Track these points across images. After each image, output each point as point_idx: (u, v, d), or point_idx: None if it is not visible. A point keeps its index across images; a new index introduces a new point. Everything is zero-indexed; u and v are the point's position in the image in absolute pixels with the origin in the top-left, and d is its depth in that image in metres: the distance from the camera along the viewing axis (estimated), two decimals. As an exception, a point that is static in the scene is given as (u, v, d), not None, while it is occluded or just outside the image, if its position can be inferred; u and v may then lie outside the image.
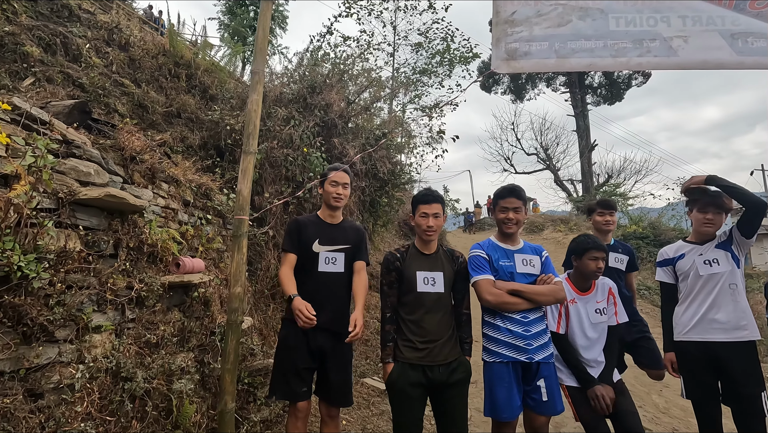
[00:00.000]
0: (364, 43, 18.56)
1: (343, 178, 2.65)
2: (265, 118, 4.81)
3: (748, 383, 2.57)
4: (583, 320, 2.69)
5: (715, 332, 2.66)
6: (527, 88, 28.36)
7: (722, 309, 2.66)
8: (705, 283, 2.73)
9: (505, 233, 2.58)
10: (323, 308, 2.49)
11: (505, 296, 2.42)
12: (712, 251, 2.75)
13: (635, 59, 2.40)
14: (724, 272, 2.69)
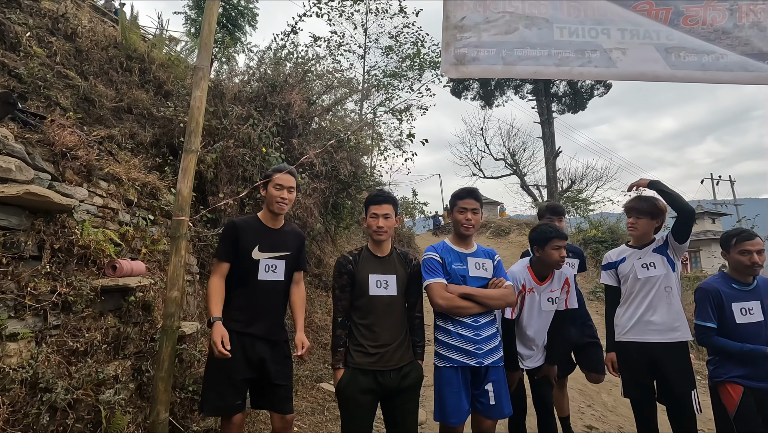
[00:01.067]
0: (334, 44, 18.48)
1: (288, 182, 2.51)
2: (221, 117, 4.67)
3: (681, 382, 2.70)
4: (534, 307, 2.79)
5: (651, 333, 2.78)
6: (496, 94, 28.97)
7: (658, 311, 2.78)
8: (642, 286, 2.85)
9: (462, 234, 2.59)
10: (261, 318, 2.43)
11: (456, 300, 2.43)
12: (650, 255, 2.88)
13: (577, 69, 2.47)
14: (660, 276, 2.81)
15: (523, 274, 2.81)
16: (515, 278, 2.78)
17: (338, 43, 18.19)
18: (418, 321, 2.49)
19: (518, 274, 2.82)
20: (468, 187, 2.66)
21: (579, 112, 27.92)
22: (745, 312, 2.62)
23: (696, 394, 2.70)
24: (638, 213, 2.90)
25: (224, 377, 2.30)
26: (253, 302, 2.43)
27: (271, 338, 2.44)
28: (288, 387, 2.49)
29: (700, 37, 2.49)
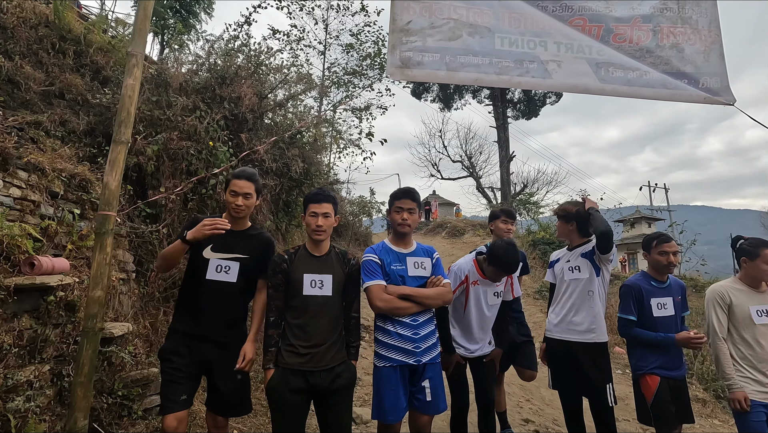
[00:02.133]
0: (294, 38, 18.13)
1: (243, 188, 2.44)
2: (165, 107, 4.45)
3: (598, 378, 2.93)
4: (481, 300, 2.87)
5: (572, 333, 2.99)
6: (455, 97, 29.63)
7: (579, 313, 3.00)
8: (567, 287, 3.06)
9: (400, 233, 2.63)
10: (207, 318, 2.37)
11: (395, 301, 2.46)
12: (577, 258, 3.08)
13: (516, 78, 2.57)
14: (584, 279, 3.02)
15: (468, 266, 2.90)
16: (460, 268, 2.88)
17: (298, 38, 17.94)
18: (354, 321, 2.50)
19: (463, 266, 2.91)
20: (405, 187, 2.70)
21: (532, 118, 29.12)
22: (660, 307, 2.87)
23: (611, 388, 2.92)
24: (557, 217, 3.17)
25: (169, 374, 2.26)
26: (200, 300, 2.38)
27: (217, 339, 2.38)
28: (235, 389, 2.42)
29: (627, 55, 2.67)
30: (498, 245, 2.76)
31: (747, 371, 2.68)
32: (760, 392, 2.63)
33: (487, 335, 2.96)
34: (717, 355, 2.80)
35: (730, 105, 2.68)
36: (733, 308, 2.76)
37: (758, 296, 2.77)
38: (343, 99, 18.71)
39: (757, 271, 2.75)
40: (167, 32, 13.07)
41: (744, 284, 2.82)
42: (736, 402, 2.64)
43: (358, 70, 17.07)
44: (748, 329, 2.71)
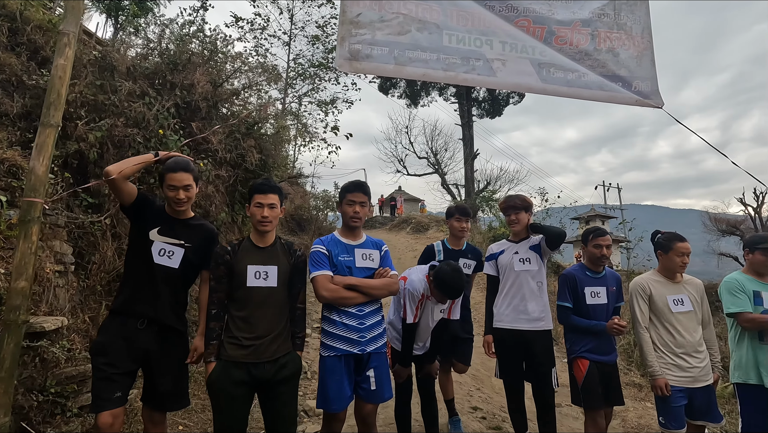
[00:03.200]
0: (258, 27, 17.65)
1: (183, 181, 2.35)
2: (109, 92, 4.23)
3: (544, 361, 3.09)
4: (428, 315, 2.91)
5: (522, 322, 3.12)
6: (422, 94, 29.81)
7: (530, 302, 3.13)
8: (517, 277, 3.17)
9: (351, 226, 2.64)
10: (149, 301, 2.31)
11: (341, 291, 2.48)
12: (527, 251, 3.21)
13: (462, 75, 2.64)
14: (534, 270, 3.17)
15: (422, 285, 2.86)
16: (416, 289, 2.83)
17: (262, 27, 17.50)
18: (300, 312, 2.50)
19: (417, 285, 2.84)
20: (357, 180, 2.73)
21: (496, 117, 29.79)
22: (593, 295, 3.05)
23: (555, 372, 3.09)
24: (516, 209, 3.23)
25: (102, 370, 2.17)
26: (143, 283, 2.33)
27: (157, 321, 2.32)
28: (174, 383, 2.38)
29: (568, 57, 2.80)
30: (444, 270, 2.73)
31: (668, 357, 2.90)
32: (680, 377, 2.85)
33: (427, 340, 3.03)
34: (640, 343, 3.01)
35: (659, 108, 2.87)
36: (653, 298, 2.97)
37: (674, 287, 2.99)
38: (308, 92, 18.48)
39: (671, 263, 2.97)
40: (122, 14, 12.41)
41: (662, 276, 3.04)
42: (658, 389, 2.84)
43: (324, 63, 16.86)
44: (666, 317, 2.93)
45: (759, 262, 2.98)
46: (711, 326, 3.08)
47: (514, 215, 3.23)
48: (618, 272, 3.01)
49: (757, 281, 3.00)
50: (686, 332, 2.91)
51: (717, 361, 3.02)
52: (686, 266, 2.96)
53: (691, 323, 2.94)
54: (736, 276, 3.07)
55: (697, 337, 2.93)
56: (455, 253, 3.58)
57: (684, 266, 2.95)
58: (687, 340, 2.89)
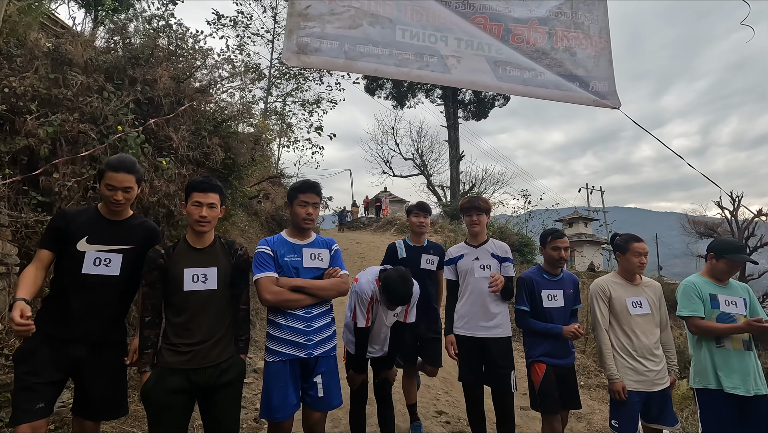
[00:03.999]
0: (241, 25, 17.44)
1: (123, 182, 2.21)
2: (62, 85, 4.07)
3: (503, 364, 3.03)
4: (381, 319, 2.83)
5: (481, 330, 3.06)
6: (408, 96, 29.86)
7: (488, 310, 3.07)
8: (477, 284, 3.10)
9: (302, 228, 2.55)
10: (80, 317, 2.16)
11: (285, 293, 2.38)
12: (488, 257, 3.15)
13: (415, 71, 2.57)
14: (487, 277, 3.09)
15: (371, 288, 2.76)
16: (365, 292, 2.73)
17: (245, 25, 17.29)
18: (243, 314, 2.40)
19: (366, 289, 2.75)
20: (310, 180, 2.63)
21: (482, 119, 30.01)
22: (551, 298, 3.01)
23: (514, 375, 3.04)
24: (478, 210, 3.15)
25: (24, 380, 2.03)
26: (72, 298, 2.17)
27: (90, 340, 2.18)
28: (108, 391, 2.24)
29: (525, 55, 2.75)
30: (390, 276, 2.63)
31: (626, 361, 2.86)
32: (636, 381, 2.82)
33: (384, 343, 2.92)
34: (599, 346, 2.97)
35: (616, 108, 2.84)
36: (612, 301, 2.94)
37: (634, 289, 2.97)
38: (292, 91, 18.33)
39: (629, 263, 2.95)
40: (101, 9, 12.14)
41: (622, 278, 3.01)
42: (616, 393, 2.81)
43: (306, 62, 16.69)
44: (625, 319, 2.90)
45: (721, 270, 2.93)
46: (669, 329, 3.06)
47: (476, 216, 3.14)
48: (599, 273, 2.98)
49: (714, 285, 2.98)
50: (643, 335, 2.88)
51: (674, 364, 3.00)
52: (644, 266, 2.93)
53: (648, 325, 2.92)
54: (694, 279, 3.06)
55: (654, 340, 2.90)
56: (417, 250, 3.52)
57: (642, 266, 2.92)
58: (644, 343, 2.86)
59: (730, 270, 2.91)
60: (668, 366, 2.97)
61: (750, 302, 2.98)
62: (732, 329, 2.75)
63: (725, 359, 2.81)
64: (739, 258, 2.88)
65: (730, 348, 2.84)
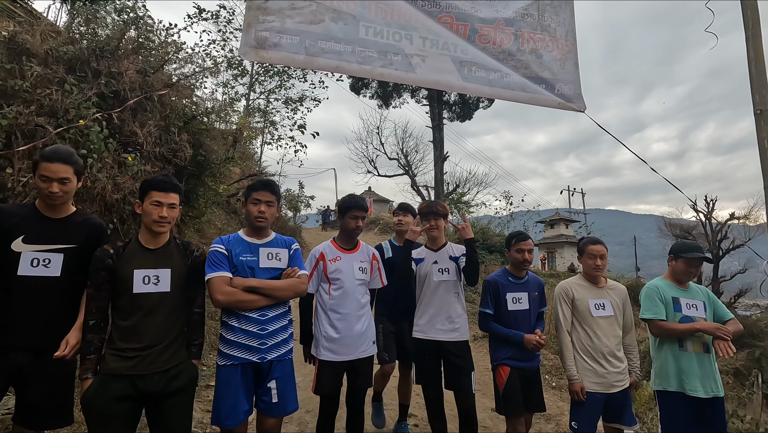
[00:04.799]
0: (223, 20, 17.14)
1: (58, 173, 2.10)
2: (18, 76, 3.89)
3: (463, 365, 3.02)
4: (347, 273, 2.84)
5: (439, 333, 3.04)
6: (394, 96, 29.79)
7: (446, 312, 3.06)
8: (436, 288, 3.09)
9: (255, 226, 2.49)
10: (18, 322, 2.05)
11: (238, 294, 2.31)
12: (447, 261, 3.14)
13: (378, 69, 2.52)
14: (452, 281, 3.10)
15: (324, 246, 2.88)
16: (316, 249, 2.85)
17: (227, 20, 17.00)
18: (197, 317, 2.32)
19: (318, 247, 2.89)
20: (265, 178, 2.59)
21: (466, 120, 30.13)
22: (515, 301, 3.00)
23: (473, 376, 3.03)
24: (436, 215, 3.14)
25: None
26: (11, 301, 2.06)
27: (32, 347, 2.08)
28: (52, 399, 2.13)
29: (491, 56, 2.73)
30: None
31: (586, 363, 2.87)
32: (596, 382, 2.83)
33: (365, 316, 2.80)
34: (561, 347, 2.98)
35: (581, 111, 2.84)
36: (575, 303, 2.95)
37: (597, 291, 2.98)
38: (274, 89, 18.11)
39: (585, 265, 2.97)
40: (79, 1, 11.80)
41: (585, 280, 3.03)
42: (575, 393, 2.82)
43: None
44: (587, 321, 2.91)
45: (680, 270, 2.97)
46: (633, 331, 3.08)
47: (434, 221, 3.14)
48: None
49: (676, 288, 3.02)
50: (605, 337, 2.89)
51: (636, 366, 3.02)
52: (600, 269, 2.95)
53: (610, 328, 2.93)
54: (657, 282, 3.09)
55: (615, 342, 2.92)
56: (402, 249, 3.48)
57: (597, 269, 2.94)
58: (604, 344, 2.88)
59: (689, 270, 2.95)
60: (630, 368, 2.99)
61: (711, 303, 3.02)
62: (692, 328, 2.78)
63: (686, 362, 2.85)
64: (693, 255, 2.92)
65: (692, 351, 2.88)
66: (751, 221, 21.52)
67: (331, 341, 2.69)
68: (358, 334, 2.74)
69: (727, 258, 19.34)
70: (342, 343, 2.70)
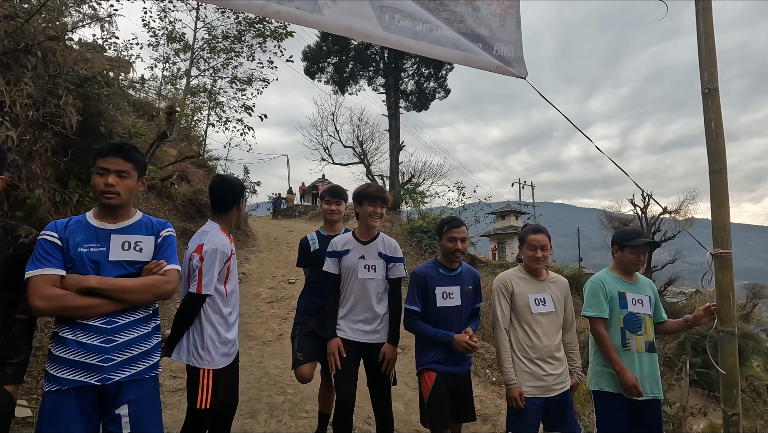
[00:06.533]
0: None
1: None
2: None
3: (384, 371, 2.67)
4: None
5: (360, 334, 2.67)
6: (350, 82, 29.08)
7: (368, 313, 2.68)
8: (361, 286, 2.68)
9: (105, 205, 1.89)
10: None
11: (68, 298, 1.70)
12: (375, 257, 2.73)
13: (273, 5, 1.98)
14: (378, 279, 2.70)
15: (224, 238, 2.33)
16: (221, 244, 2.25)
17: (164, -13, 15.48)
18: (20, 327, 1.73)
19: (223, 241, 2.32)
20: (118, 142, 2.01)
21: (422, 111, 30.00)
22: (445, 296, 2.61)
23: (395, 372, 2.73)
24: (383, 202, 2.73)
25: None
26: None
27: None
28: None
29: (420, 4, 2.27)
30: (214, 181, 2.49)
31: (524, 364, 2.55)
32: (534, 387, 2.51)
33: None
34: (497, 346, 2.64)
35: (522, 78, 2.46)
36: (514, 297, 2.61)
37: (538, 285, 2.66)
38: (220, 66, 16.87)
39: (525, 256, 2.66)
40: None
41: (526, 272, 2.70)
42: (512, 400, 2.49)
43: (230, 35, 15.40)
44: (527, 319, 2.58)
45: (629, 260, 2.74)
46: (573, 328, 2.80)
47: (380, 209, 2.70)
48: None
49: (622, 281, 2.76)
50: (545, 336, 2.58)
51: (577, 366, 2.74)
52: (540, 261, 2.62)
53: (551, 325, 2.62)
54: (602, 276, 2.82)
55: (556, 341, 2.61)
56: (330, 239, 3.00)
57: (538, 260, 2.61)
58: (544, 345, 2.56)
59: (637, 258, 2.72)
60: (571, 368, 2.70)
61: (655, 298, 2.81)
62: (617, 363, 2.55)
63: (628, 363, 2.60)
64: (639, 241, 2.70)
65: (635, 351, 2.64)
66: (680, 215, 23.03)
67: None
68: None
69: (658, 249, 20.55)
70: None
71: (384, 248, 2.76)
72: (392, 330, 2.70)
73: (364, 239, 2.76)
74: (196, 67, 17.48)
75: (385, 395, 2.70)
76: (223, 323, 2.26)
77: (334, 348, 2.64)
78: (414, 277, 2.67)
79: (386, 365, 2.65)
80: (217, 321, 2.24)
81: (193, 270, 2.18)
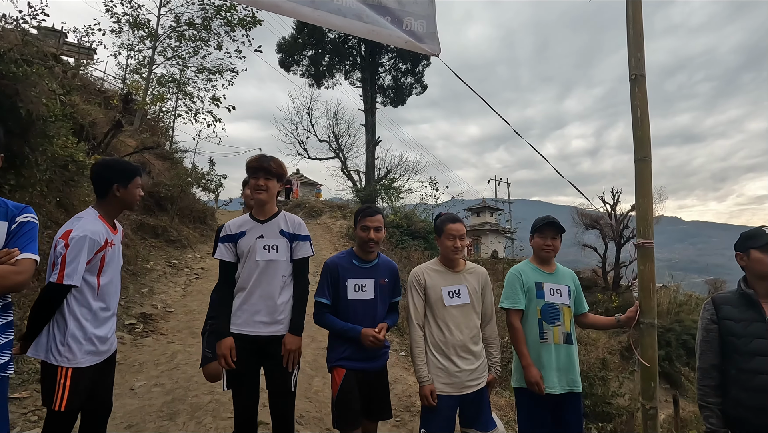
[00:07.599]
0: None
1: None
2: None
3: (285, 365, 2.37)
4: (114, 262, 2.23)
5: (259, 326, 2.37)
6: (326, 75, 28.68)
7: (270, 301, 2.38)
8: (262, 270, 2.38)
9: None
10: None
11: None
12: (276, 236, 2.43)
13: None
14: (281, 261, 2.42)
15: (99, 226, 2.11)
16: (95, 232, 2.04)
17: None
18: None
19: (99, 228, 2.10)
20: None
21: (399, 106, 29.85)
22: (357, 288, 2.45)
23: (295, 375, 2.44)
24: (268, 174, 2.39)
25: None
26: None
27: None
28: None
29: (321, -29, 2.08)
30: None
31: (437, 360, 2.42)
32: (447, 384, 2.38)
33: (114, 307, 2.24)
34: (410, 342, 2.49)
35: (435, 55, 2.32)
36: (427, 290, 2.47)
37: (453, 276, 2.52)
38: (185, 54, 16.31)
39: (443, 246, 2.51)
40: None
41: (441, 264, 2.56)
42: (424, 398, 2.35)
43: (194, 22, 14.89)
44: (440, 312, 2.44)
45: (538, 246, 2.70)
46: (493, 321, 2.68)
47: (263, 181, 2.38)
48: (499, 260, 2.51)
49: (540, 271, 2.67)
50: (458, 330, 2.44)
51: (496, 360, 2.62)
52: (459, 251, 2.49)
53: (465, 318, 2.48)
54: (520, 267, 2.72)
55: (471, 334, 2.47)
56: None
57: (456, 251, 2.48)
58: (457, 339, 2.43)
59: (545, 243, 2.66)
60: (489, 363, 2.58)
61: (576, 288, 2.73)
62: (525, 357, 2.50)
63: (546, 355, 2.51)
64: (541, 224, 2.67)
65: (551, 342, 2.54)
66: (649, 212, 23.48)
67: None
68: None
69: (627, 245, 20.99)
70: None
71: (286, 225, 2.47)
72: (295, 318, 2.40)
73: (262, 218, 2.47)
74: (163, 56, 16.87)
75: (285, 400, 2.40)
76: (91, 318, 2.04)
77: (225, 350, 2.32)
78: (325, 267, 2.48)
79: (287, 358, 2.35)
80: (84, 315, 2.01)
81: (57, 258, 1.95)
